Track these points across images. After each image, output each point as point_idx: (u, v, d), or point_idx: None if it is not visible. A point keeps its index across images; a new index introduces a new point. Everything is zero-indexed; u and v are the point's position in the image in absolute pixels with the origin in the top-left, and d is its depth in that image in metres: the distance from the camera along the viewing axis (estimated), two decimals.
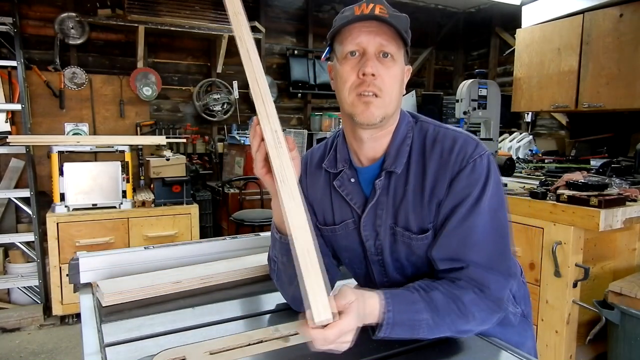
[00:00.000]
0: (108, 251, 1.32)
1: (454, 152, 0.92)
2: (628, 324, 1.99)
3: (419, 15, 4.80)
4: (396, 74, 0.92)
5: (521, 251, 2.26)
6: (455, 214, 0.90)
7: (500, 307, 0.90)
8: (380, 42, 0.90)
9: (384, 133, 0.97)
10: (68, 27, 3.53)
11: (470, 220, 0.89)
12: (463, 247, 0.89)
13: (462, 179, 0.91)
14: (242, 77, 4.25)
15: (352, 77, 0.91)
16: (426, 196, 0.93)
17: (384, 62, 0.91)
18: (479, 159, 0.91)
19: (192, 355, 0.85)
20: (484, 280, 0.88)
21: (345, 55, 0.92)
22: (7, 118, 3.23)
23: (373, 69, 0.89)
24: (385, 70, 0.90)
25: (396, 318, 0.82)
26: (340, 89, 0.94)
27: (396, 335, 0.84)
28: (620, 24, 2.81)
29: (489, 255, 0.89)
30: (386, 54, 0.91)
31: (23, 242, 3.27)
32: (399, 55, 0.93)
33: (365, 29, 0.90)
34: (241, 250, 1.45)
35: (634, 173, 2.73)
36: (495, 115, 2.86)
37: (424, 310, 0.84)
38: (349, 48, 0.91)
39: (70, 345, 2.83)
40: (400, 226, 0.96)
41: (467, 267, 0.89)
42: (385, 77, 0.90)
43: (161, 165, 3.26)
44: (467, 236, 0.89)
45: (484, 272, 0.88)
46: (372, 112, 0.90)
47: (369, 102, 0.90)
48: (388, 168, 0.96)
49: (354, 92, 0.91)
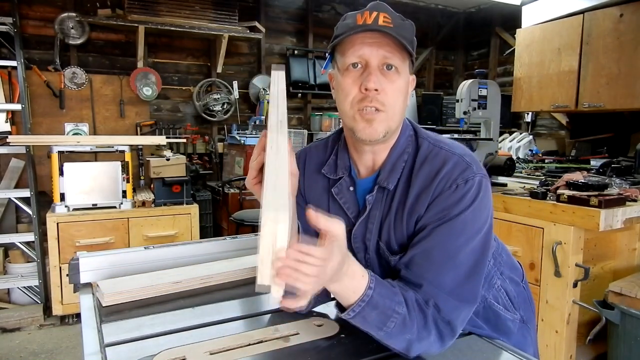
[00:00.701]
0: (108, 251, 1.32)
1: (440, 175, 0.88)
2: (628, 324, 1.99)
3: (419, 15, 4.80)
4: (400, 87, 0.89)
5: (521, 251, 2.26)
6: (427, 231, 0.87)
7: (453, 331, 0.84)
8: (383, 54, 0.86)
9: (385, 146, 0.95)
10: (68, 27, 3.53)
11: (440, 242, 0.85)
12: (427, 264, 0.85)
13: (441, 201, 0.87)
14: (242, 77, 4.26)
15: (354, 90, 0.88)
16: (405, 214, 0.90)
17: (387, 75, 0.87)
18: (462, 184, 0.87)
19: (192, 355, 0.85)
20: (438, 300, 0.83)
21: (347, 66, 0.88)
22: (7, 118, 3.23)
23: (376, 84, 0.85)
24: (389, 84, 0.87)
25: (375, 299, 0.78)
26: (342, 102, 0.90)
27: (363, 320, 0.79)
28: (620, 24, 2.81)
29: (451, 278, 0.84)
30: (390, 66, 0.87)
31: (23, 242, 3.27)
32: (404, 67, 0.89)
33: (368, 39, 0.86)
34: (241, 250, 1.45)
35: (634, 173, 2.73)
36: (495, 115, 2.86)
37: (401, 304, 0.80)
38: (351, 60, 0.87)
39: (70, 345, 2.83)
40: (383, 241, 0.94)
41: (425, 285, 0.84)
42: (389, 91, 0.87)
43: (161, 165, 3.26)
44: (434, 255, 0.85)
45: (439, 292, 0.83)
46: (374, 128, 0.88)
47: (371, 119, 0.87)
48: (381, 183, 0.94)
49: (356, 106, 0.88)
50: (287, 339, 0.92)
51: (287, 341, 0.91)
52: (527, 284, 1.18)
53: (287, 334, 0.94)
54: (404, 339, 0.81)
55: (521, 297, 1.11)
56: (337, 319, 1.01)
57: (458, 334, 0.85)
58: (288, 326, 0.97)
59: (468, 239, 0.85)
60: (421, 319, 0.81)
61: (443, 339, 0.83)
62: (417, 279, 0.85)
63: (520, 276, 1.15)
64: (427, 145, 0.94)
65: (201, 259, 1.38)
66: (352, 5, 4.58)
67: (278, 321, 1.01)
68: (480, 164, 0.93)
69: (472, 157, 0.92)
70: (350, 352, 0.88)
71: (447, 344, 0.84)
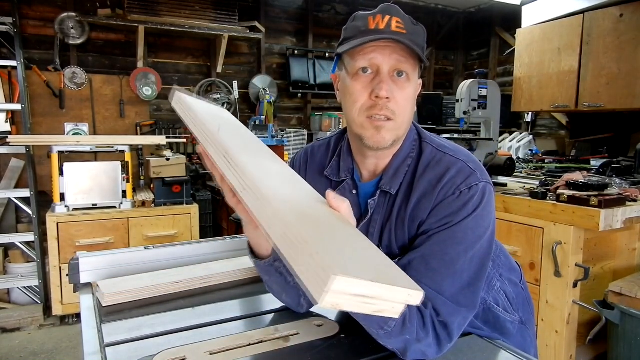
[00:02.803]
0: (108, 251, 1.32)
1: (443, 181, 0.87)
2: (628, 324, 1.99)
3: (419, 15, 4.80)
4: (410, 95, 0.87)
5: (521, 251, 2.26)
6: (428, 236, 0.86)
7: (450, 335, 0.82)
8: (396, 59, 0.83)
9: (390, 152, 0.94)
10: (68, 27, 3.53)
11: (440, 248, 0.84)
12: (425, 269, 0.83)
13: (444, 207, 0.86)
14: (242, 77, 4.26)
15: (364, 97, 0.85)
16: (407, 219, 0.90)
17: (398, 82, 0.85)
18: (466, 190, 0.85)
19: (192, 355, 0.85)
20: (436, 303, 0.82)
21: (356, 71, 0.85)
22: (7, 118, 3.23)
23: (388, 92, 0.82)
24: (399, 92, 0.85)
25: None
26: (349, 107, 0.88)
27: (364, 316, 0.77)
28: (620, 24, 2.81)
29: (450, 284, 0.83)
30: (401, 73, 0.85)
31: (23, 242, 3.27)
32: (414, 74, 0.87)
33: (380, 44, 0.83)
34: (241, 250, 1.44)
35: (634, 173, 2.73)
36: (495, 115, 2.86)
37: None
38: (361, 64, 0.84)
39: (70, 345, 2.83)
40: (384, 246, 0.93)
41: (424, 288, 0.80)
42: (400, 99, 0.85)
43: (161, 165, 3.26)
44: (432, 261, 0.84)
45: (437, 296, 0.82)
46: (383, 136, 0.86)
47: (380, 126, 0.85)
48: (383, 187, 0.93)
49: (365, 113, 0.86)
50: (287, 339, 0.92)
51: (287, 341, 0.91)
52: (526, 285, 1.17)
53: (287, 334, 0.94)
54: (402, 340, 0.80)
55: (520, 298, 1.10)
56: (337, 319, 1.01)
57: (455, 339, 0.85)
58: (288, 326, 0.97)
59: (468, 247, 0.84)
60: (420, 319, 0.80)
61: (440, 343, 0.82)
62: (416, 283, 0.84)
63: (518, 277, 1.15)
64: (431, 150, 0.93)
65: (201, 259, 1.38)
66: (352, 5, 4.58)
67: (278, 321, 1.00)
68: (485, 171, 0.91)
69: (476, 164, 0.91)
70: (350, 352, 0.88)
71: (443, 349, 0.83)
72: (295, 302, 0.98)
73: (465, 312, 0.84)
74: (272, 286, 0.98)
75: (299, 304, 0.99)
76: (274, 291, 1.01)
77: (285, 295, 0.98)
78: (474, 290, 0.85)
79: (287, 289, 0.95)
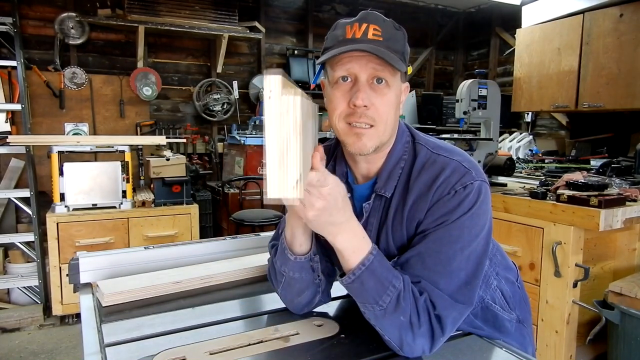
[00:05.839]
0: (108, 251, 1.32)
1: (438, 181, 0.87)
2: (628, 324, 1.99)
3: (419, 15, 4.80)
4: (391, 101, 0.87)
5: (521, 251, 2.26)
6: (425, 235, 0.87)
7: (442, 329, 0.83)
8: (373, 67, 0.84)
9: (379, 156, 0.94)
10: (68, 27, 3.53)
11: (436, 246, 0.85)
12: (421, 267, 0.85)
13: (440, 207, 0.86)
14: (242, 77, 4.26)
15: (342, 105, 0.86)
16: (404, 221, 0.90)
17: (377, 89, 0.85)
18: (461, 189, 0.86)
19: (192, 355, 0.85)
20: (432, 296, 0.83)
21: (336, 79, 0.87)
22: (7, 118, 3.23)
23: (365, 100, 0.83)
24: (379, 99, 0.85)
25: (374, 265, 0.81)
26: (330, 114, 0.90)
27: (361, 287, 0.81)
28: (620, 24, 2.81)
29: (447, 282, 0.84)
30: (380, 80, 0.85)
31: (23, 242, 3.27)
32: (395, 79, 0.87)
33: (356, 52, 0.83)
34: (241, 250, 1.45)
35: (634, 173, 2.73)
36: (495, 115, 2.85)
37: (399, 279, 0.82)
38: (340, 73, 0.86)
39: (70, 345, 2.82)
40: (381, 248, 0.92)
41: (422, 282, 0.84)
42: (379, 105, 0.85)
43: (161, 165, 3.26)
44: (429, 259, 0.85)
45: (434, 289, 0.83)
46: (364, 143, 0.86)
47: (361, 133, 0.86)
48: (378, 191, 0.93)
49: (344, 120, 0.87)
50: (287, 339, 0.92)
51: (287, 341, 0.91)
52: (522, 284, 1.18)
53: (287, 334, 0.94)
54: (397, 323, 0.81)
55: (517, 297, 1.11)
56: (337, 319, 1.01)
57: (447, 336, 0.85)
58: (288, 326, 0.97)
59: (465, 245, 0.85)
60: (413, 303, 0.82)
61: (433, 336, 0.83)
62: (413, 278, 0.85)
63: (515, 276, 1.15)
64: (426, 152, 0.93)
65: (201, 259, 1.38)
66: (352, 6, 4.58)
67: (278, 321, 1.00)
68: (481, 170, 0.92)
69: (471, 163, 0.91)
70: (350, 352, 0.88)
71: (435, 344, 0.83)
72: (308, 299, 0.99)
73: (461, 308, 0.85)
74: (294, 285, 0.97)
75: (310, 302, 1.00)
76: (288, 293, 1.00)
77: (305, 293, 0.98)
78: (471, 288, 0.86)
79: (311, 286, 0.97)
